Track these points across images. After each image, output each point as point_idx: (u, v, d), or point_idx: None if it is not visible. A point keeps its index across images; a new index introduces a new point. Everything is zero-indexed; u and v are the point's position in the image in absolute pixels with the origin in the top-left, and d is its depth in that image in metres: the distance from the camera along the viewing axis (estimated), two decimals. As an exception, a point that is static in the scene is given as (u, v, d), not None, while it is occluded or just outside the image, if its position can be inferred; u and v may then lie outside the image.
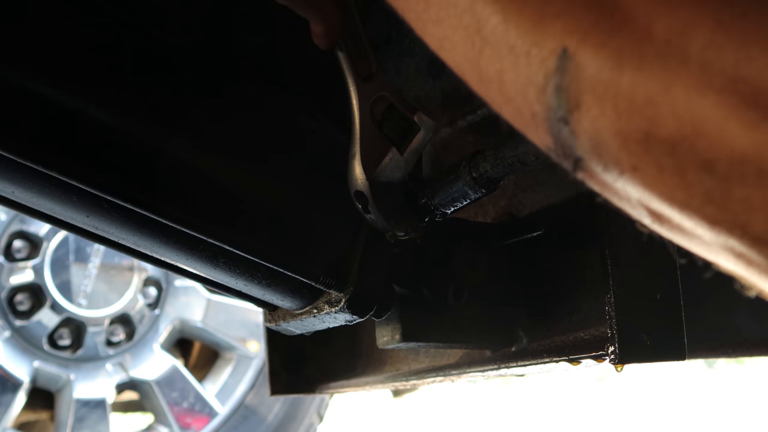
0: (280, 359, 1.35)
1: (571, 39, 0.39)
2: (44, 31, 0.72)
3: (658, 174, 0.37)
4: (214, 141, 0.79)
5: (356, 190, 0.79)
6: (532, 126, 0.43)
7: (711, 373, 5.96)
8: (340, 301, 0.84)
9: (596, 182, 0.42)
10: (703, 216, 0.37)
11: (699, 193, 0.36)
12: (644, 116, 0.36)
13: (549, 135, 0.42)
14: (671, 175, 0.37)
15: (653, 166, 0.37)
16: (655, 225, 0.41)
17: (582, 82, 0.39)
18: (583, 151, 0.40)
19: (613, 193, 0.42)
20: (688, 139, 0.35)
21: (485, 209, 1.06)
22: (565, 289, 0.93)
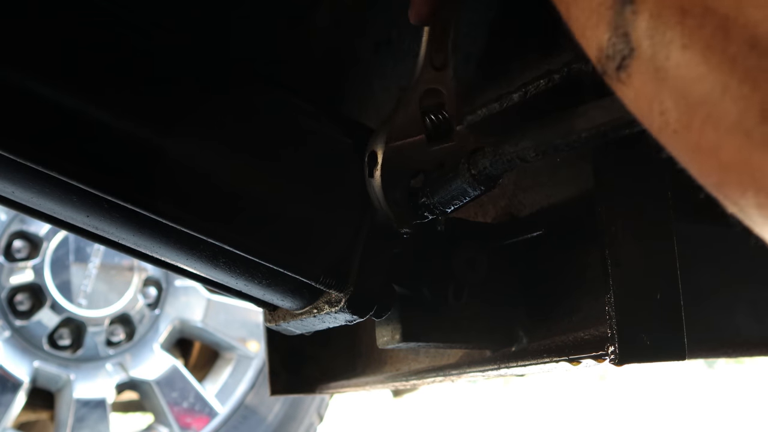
0: (280, 359, 1.35)
1: None
2: (44, 31, 0.72)
3: (705, 51, 0.38)
4: (214, 141, 0.79)
5: (372, 150, 0.80)
6: (595, 19, 0.45)
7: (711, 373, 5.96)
8: (340, 301, 0.84)
9: (634, 84, 0.44)
10: (735, 98, 0.38)
11: (739, 70, 0.37)
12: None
13: (608, 26, 0.44)
14: (718, 52, 0.38)
15: (703, 42, 0.39)
16: (680, 137, 0.42)
17: None
18: (638, 35, 0.42)
19: (647, 96, 0.43)
20: (743, 12, 0.36)
21: (485, 209, 1.06)
22: (565, 289, 0.93)
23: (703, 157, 0.41)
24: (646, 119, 0.45)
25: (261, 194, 0.82)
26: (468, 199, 0.80)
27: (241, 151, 0.81)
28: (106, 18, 0.76)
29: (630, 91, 0.45)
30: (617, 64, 0.44)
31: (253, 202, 0.81)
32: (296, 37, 1.06)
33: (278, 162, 0.82)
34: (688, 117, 0.41)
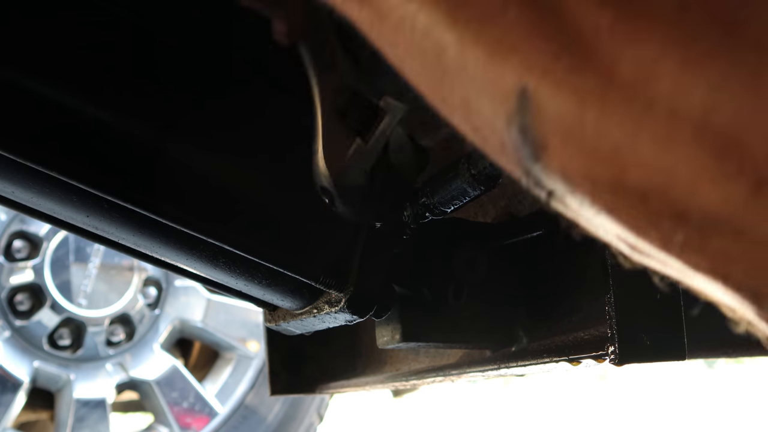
0: (280, 359, 1.35)
1: (530, 76, 0.35)
2: (44, 31, 0.72)
3: (633, 218, 0.35)
4: (214, 141, 0.79)
5: (321, 185, 0.76)
6: (503, 157, 0.40)
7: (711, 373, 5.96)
8: (340, 301, 0.84)
9: (571, 214, 0.40)
10: (685, 260, 0.35)
11: (677, 241, 0.34)
12: (611, 163, 0.34)
13: (519, 167, 0.39)
14: (646, 222, 0.35)
15: (627, 210, 0.35)
16: (636, 256, 0.39)
17: (546, 124, 0.35)
18: (556, 187, 0.38)
19: (589, 226, 0.40)
20: (659, 189, 0.33)
21: (485, 209, 1.06)
22: (565, 289, 0.93)
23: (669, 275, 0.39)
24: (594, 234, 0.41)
25: (261, 194, 0.82)
26: (468, 199, 0.80)
27: (241, 151, 0.81)
28: (106, 17, 0.76)
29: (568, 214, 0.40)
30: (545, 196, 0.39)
31: (253, 203, 0.81)
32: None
33: (278, 162, 0.82)
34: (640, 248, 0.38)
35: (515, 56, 0.35)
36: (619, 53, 0.33)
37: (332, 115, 0.75)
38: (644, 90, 0.32)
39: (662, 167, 0.32)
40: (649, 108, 0.32)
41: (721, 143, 0.31)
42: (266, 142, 0.82)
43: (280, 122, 0.84)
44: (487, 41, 0.36)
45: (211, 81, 0.81)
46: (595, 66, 0.33)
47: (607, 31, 0.33)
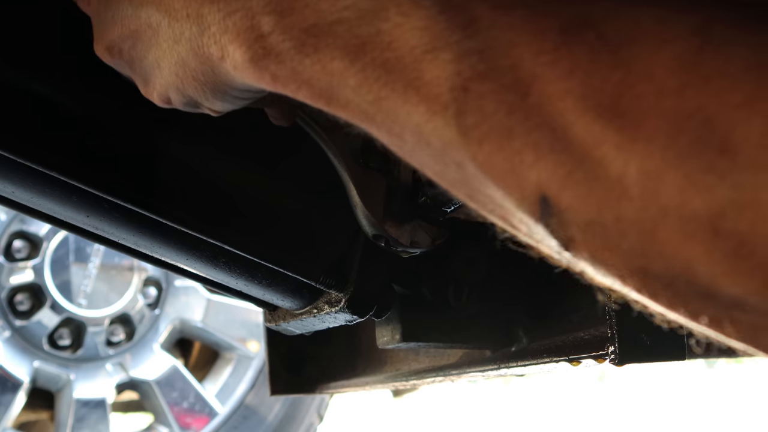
0: (280, 359, 1.35)
1: (549, 188, 0.38)
2: (44, 31, 0.72)
3: (661, 297, 0.38)
4: (214, 141, 0.79)
5: (374, 234, 0.78)
6: (533, 241, 0.43)
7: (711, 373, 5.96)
8: (340, 301, 0.84)
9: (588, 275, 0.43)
10: (714, 329, 0.38)
11: (706, 316, 0.37)
12: (637, 255, 0.37)
13: (551, 251, 0.43)
14: (675, 302, 0.37)
15: (655, 292, 0.38)
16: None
17: (569, 225, 0.38)
18: (588, 270, 0.41)
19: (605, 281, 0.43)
20: (683, 276, 0.35)
21: (485, 209, 1.05)
22: (565, 289, 0.93)
23: None
24: None
25: (261, 194, 0.82)
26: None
27: (241, 151, 0.81)
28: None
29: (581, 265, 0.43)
30: (556, 250, 0.42)
31: (253, 202, 0.81)
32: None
33: (279, 162, 0.82)
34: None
35: (532, 173, 0.38)
36: (625, 163, 0.35)
37: (354, 166, 0.77)
38: (655, 201, 0.35)
39: (683, 260, 0.35)
40: (663, 216, 0.35)
41: (731, 246, 0.33)
42: (267, 141, 0.82)
43: (280, 122, 0.84)
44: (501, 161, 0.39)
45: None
46: (606, 179, 0.36)
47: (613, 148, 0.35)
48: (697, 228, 0.34)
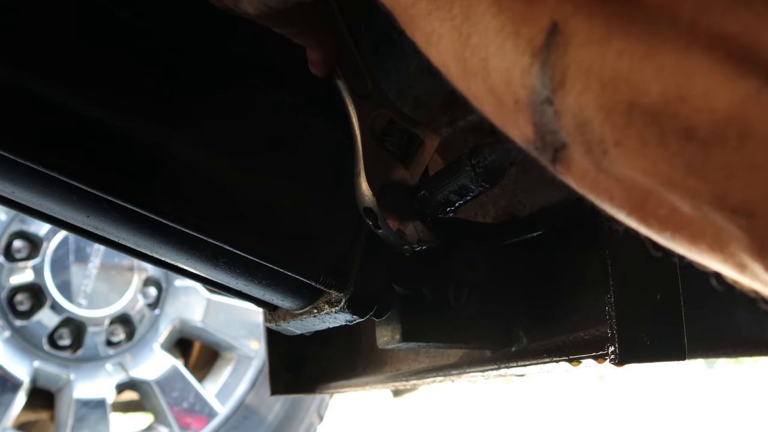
0: (280, 359, 1.35)
1: (563, 12, 0.39)
2: (44, 31, 0.72)
3: (640, 147, 0.37)
4: (214, 141, 0.79)
5: (365, 206, 0.80)
6: (513, 116, 0.43)
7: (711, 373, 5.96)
8: (340, 301, 0.84)
9: (574, 174, 0.42)
10: (684, 190, 0.37)
11: (681, 164, 0.36)
12: (628, 85, 0.36)
13: (530, 124, 0.42)
14: (654, 147, 0.37)
15: (636, 139, 0.37)
16: (633, 219, 0.41)
17: (568, 56, 0.38)
18: (566, 133, 0.40)
19: (591, 184, 0.42)
20: (672, 105, 0.35)
21: (485, 209, 1.06)
22: (565, 289, 0.93)
23: (666, 236, 0.40)
24: (595, 201, 0.43)
25: (261, 194, 0.82)
26: (470, 197, 0.80)
27: (241, 150, 0.81)
28: (107, 18, 0.76)
29: (570, 179, 0.43)
30: (551, 156, 0.42)
31: (253, 202, 0.81)
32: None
33: (279, 161, 0.82)
34: (640, 203, 0.39)
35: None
36: None
37: (370, 140, 0.81)
38: (669, 11, 0.36)
39: (679, 78, 0.35)
40: (672, 25, 0.35)
41: (736, 49, 0.34)
42: (266, 142, 0.82)
43: (280, 122, 0.84)
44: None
45: (211, 80, 0.81)
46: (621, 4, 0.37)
47: None
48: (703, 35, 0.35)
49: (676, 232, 0.39)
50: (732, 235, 0.36)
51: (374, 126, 0.81)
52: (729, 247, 0.37)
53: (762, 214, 0.34)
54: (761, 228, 0.35)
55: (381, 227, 0.80)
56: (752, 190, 0.34)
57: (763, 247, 0.35)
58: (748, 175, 0.34)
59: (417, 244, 0.82)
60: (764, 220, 0.34)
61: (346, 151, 0.84)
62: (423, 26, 0.47)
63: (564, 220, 0.93)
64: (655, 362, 0.83)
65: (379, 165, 0.80)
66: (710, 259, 0.39)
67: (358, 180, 0.80)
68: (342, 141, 0.85)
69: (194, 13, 0.82)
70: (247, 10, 0.68)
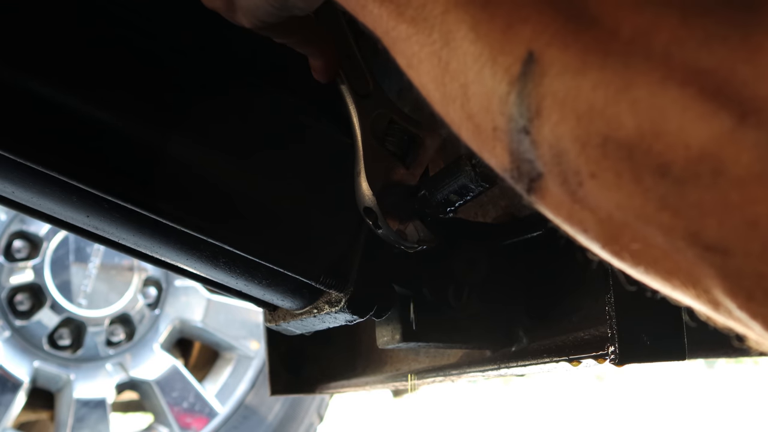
0: (280, 359, 1.35)
1: (538, 42, 0.39)
2: (44, 31, 0.72)
3: (615, 180, 0.37)
4: (214, 141, 0.79)
5: (365, 206, 0.80)
6: (491, 144, 0.43)
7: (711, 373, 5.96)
8: (340, 301, 0.84)
9: (549, 204, 0.42)
10: (658, 225, 0.36)
11: (655, 199, 0.36)
12: (603, 118, 0.36)
13: (507, 152, 0.42)
14: (628, 181, 0.36)
15: (611, 172, 0.37)
16: (607, 251, 0.41)
17: (544, 87, 0.38)
18: (542, 163, 0.40)
19: (566, 214, 0.41)
20: (646, 140, 0.35)
21: (485, 209, 1.06)
22: (565, 289, 0.93)
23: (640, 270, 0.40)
24: (569, 232, 0.43)
25: (261, 194, 0.82)
26: (470, 197, 0.80)
27: (241, 151, 0.81)
28: (107, 18, 0.76)
29: (545, 209, 0.43)
30: (526, 186, 0.42)
31: (253, 202, 0.81)
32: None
33: (279, 162, 0.82)
34: (614, 236, 0.39)
35: (526, 26, 0.39)
36: (623, 16, 0.37)
37: (371, 140, 0.81)
38: (643, 44, 0.35)
39: (653, 112, 0.35)
40: (647, 58, 0.35)
41: (710, 84, 0.34)
42: (266, 141, 0.82)
43: (280, 122, 0.84)
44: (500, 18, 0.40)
45: (211, 80, 0.81)
46: (599, 28, 0.37)
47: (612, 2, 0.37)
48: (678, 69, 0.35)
49: (650, 267, 0.39)
50: (705, 272, 0.36)
51: (375, 125, 0.81)
52: (702, 283, 0.37)
53: (735, 252, 0.34)
54: (734, 266, 0.34)
55: (381, 227, 0.80)
56: (725, 229, 0.34)
57: (736, 285, 0.35)
58: (721, 214, 0.34)
59: (417, 244, 0.81)
60: (737, 259, 0.34)
61: (346, 151, 0.83)
62: (403, 49, 0.47)
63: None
64: (655, 362, 0.83)
65: (379, 165, 0.80)
66: (684, 295, 0.39)
67: (359, 179, 0.80)
68: (342, 142, 0.85)
69: (195, 13, 0.82)
70: (242, 23, 0.68)
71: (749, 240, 0.33)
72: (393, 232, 0.80)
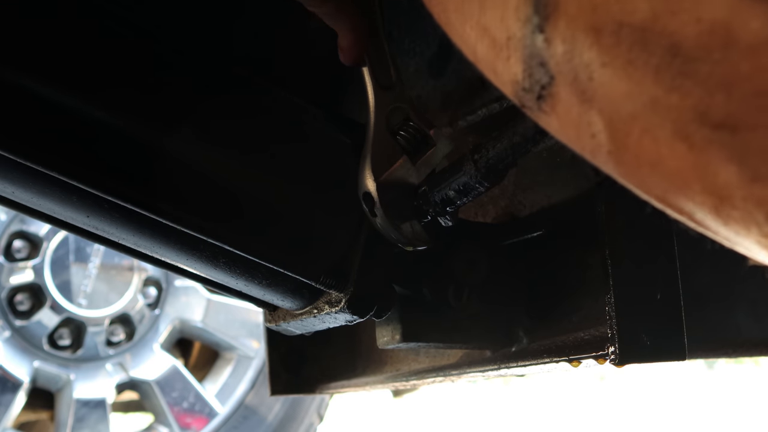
0: (280, 359, 1.35)
1: None
2: (44, 31, 0.72)
3: (626, 67, 0.37)
4: (215, 141, 0.79)
5: (365, 191, 0.80)
6: (505, 55, 0.44)
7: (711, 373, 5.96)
8: (340, 302, 0.84)
9: (558, 112, 0.43)
10: (667, 109, 0.36)
11: (665, 81, 0.36)
12: (619, 4, 0.37)
13: (520, 61, 0.43)
14: (639, 66, 0.37)
15: (622, 59, 0.37)
16: (612, 159, 0.41)
17: None
18: (554, 63, 0.41)
19: (573, 122, 0.42)
20: (660, 20, 0.35)
21: (485, 209, 1.06)
22: (565, 289, 0.93)
23: (644, 173, 0.40)
24: (577, 145, 0.43)
25: (261, 194, 0.82)
26: (470, 197, 0.80)
27: (241, 151, 0.81)
28: (106, 18, 0.76)
29: (554, 120, 0.44)
30: (537, 94, 0.43)
31: (253, 202, 0.81)
32: (297, 37, 1.06)
33: (279, 162, 0.82)
34: (621, 135, 0.40)
35: None
36: None
37: (383, 130, 0.81)
38: None
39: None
40: None
41: None
42: (267, 141, 0.82)
43: (281, 122, 0.84)
44: None
45: (211, 80, 0.81)
46: None
47: None
48: None
49: (655, 168, 0.39)
50: (712, 156, 0.36)
51: (390, 118, 0.82)
52: (708, 174, 0.36)
53: (743, 126, 0.34)
54: (742, 142, 0.34)
55: (377, 214, 0.80)
56: (734, 102, 0.34)
57: (744, 164, 0.35)
58: (730, 87, 0.34)
59: (410, 241, 0.81)
60: (745, 134, 0.34)
61: (347, 151, 0.83)
62: None
63: (564, 220, 0.93)
64: (655, 362, 0.83)
65: (386, 154, 0.81)
66: (686, 197, 0.39)
67: (363, 163, 0.81)
68: (342, 142, 0.85)
69: (196, 13, 0.82)
70: None
71: (758, 111, 0.33)
72: (387, 221, 0.80)
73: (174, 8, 0.86)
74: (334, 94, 1.15)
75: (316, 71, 1.15)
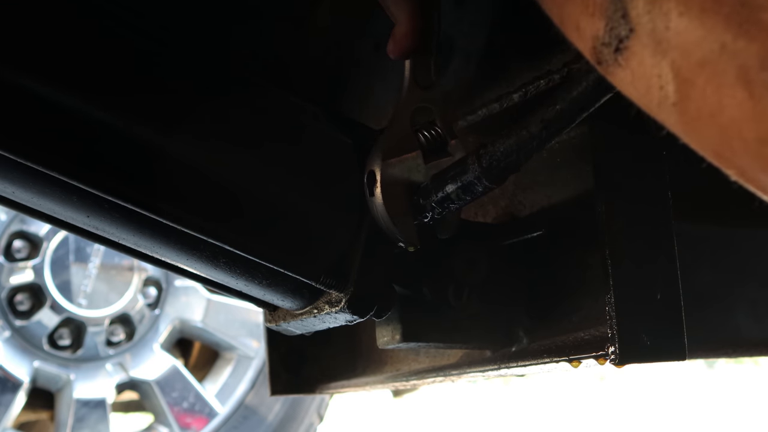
0: (280, 359, 1.35)
1: None
2: (44, 31, 0.72)
3: (700, 14, 0.41)
4: (215, 141, 0.79)
5: (370, 170, 0.80)
6: (590, 9, 0.47)
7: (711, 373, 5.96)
8: (340, 301, 0.84)
9: (632, 64, 0.46)
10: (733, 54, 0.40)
11: (733, 26, 0.39)
12: None
13: (604, 16, 0.46)
14: (712, 14, 0.40)
15: (698, 7, 0.41)
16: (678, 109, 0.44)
17: None
18: (636, 14, 0.44)
19: (645, 74, 0.45)
20: None
21: (485, 209, 1.06)
22: (565, 289, 0.93)
23: (704, 124, 0.43)
24: (645, 98, 0.46)
25: (261, 194, 0.82)
26: (473, 197, 0.80)
27: (241, 151, 0.81)
28: (106, 18, 0.76)
29: (627, 73, 0.47)
30: (615, 47, 0.46)
31: (253, 202, 0.81)
32: (297, 37, 1.06)
33: (279, 162, 0.82)
34: (687, 86, 0.43)
35: None
36: None
37: (406, 123, 0.82)
38: None
39: None
40: None
41: None
42: (267, 141, 0.82)
43: (281, 122, 0.84)
44: None
45: (210, 80, 0.81)
46: None
47: None
48: None
49: (713, 119, 0.42)
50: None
51: (416, 115, 0.82)
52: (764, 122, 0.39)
53: None
54: None
55: (374, 194, 0.80)
56: None
57: None
58: None
59: (402, 238, 0.81)
60: None
61: (347, 151, 0.83)
62: None
63: (564, 220, 0.93)
64: (655, 362, 0.83)
65: (401, 145, 0.81)
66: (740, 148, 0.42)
67: (376, 143, 0.81)
68: (342, 142, 0.85)
69: (196, 13, 0.82)
70: None
71: None
72: (383, 207, 0.80)
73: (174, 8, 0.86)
74: (333, 94, 1.15)
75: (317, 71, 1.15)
